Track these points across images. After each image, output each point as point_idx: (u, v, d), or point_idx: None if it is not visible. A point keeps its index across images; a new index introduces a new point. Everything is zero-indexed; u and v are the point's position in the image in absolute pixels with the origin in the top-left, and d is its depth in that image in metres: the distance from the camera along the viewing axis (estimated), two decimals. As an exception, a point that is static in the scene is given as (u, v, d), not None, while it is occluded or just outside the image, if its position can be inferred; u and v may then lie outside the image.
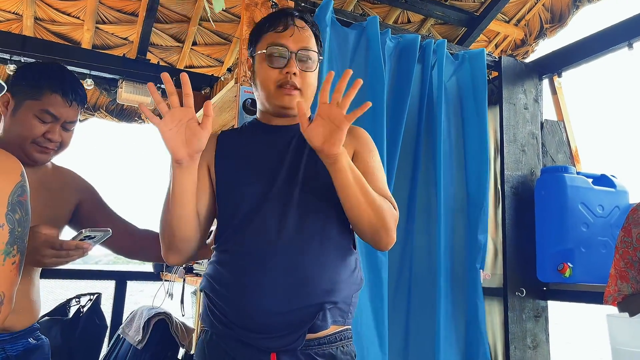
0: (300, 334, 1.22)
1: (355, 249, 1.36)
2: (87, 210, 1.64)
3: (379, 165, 1.38)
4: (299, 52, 1.33)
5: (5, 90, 1.34)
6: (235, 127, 1.99)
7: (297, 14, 1.39)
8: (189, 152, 1.19)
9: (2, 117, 1.49)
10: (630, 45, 2.30)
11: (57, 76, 1.48)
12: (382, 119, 2.20)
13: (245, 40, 2.03)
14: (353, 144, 1.35)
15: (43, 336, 1.56)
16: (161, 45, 3.40)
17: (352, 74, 1.16)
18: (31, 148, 1.45)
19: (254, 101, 1.98)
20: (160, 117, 1.19)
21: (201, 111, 1.19)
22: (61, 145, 1.51)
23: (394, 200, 1.32)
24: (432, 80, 2.47)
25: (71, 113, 1.48)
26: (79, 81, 1.54)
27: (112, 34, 3.29)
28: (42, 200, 1.51)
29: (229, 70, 2.87)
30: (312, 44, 1.38)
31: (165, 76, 1.17)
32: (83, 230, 1.25)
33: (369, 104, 1.14)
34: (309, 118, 1.34)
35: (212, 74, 3.41)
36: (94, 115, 3.67)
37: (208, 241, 1.44)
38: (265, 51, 1.34)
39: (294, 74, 1.31)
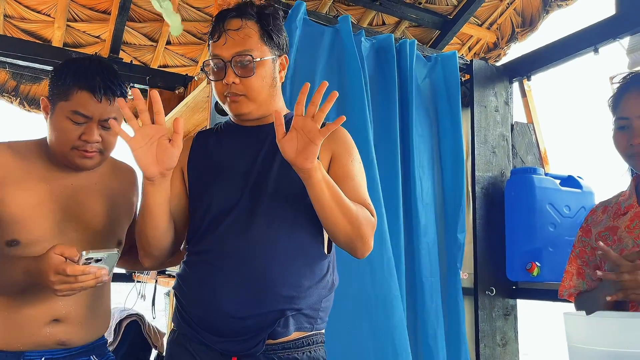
0: (259, 339, 1.22)
1: (328, 253, 1.35)
2: None
3: (359, 170, 1.36)
4: (233, 59, 1.28)
5: None
6: (208, 127, 1.98)
7: (232, 14, 1.32)
8: (160, 170, 1.19)
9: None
10: (596, 50, 2.36)
11: (83, 71, 1.33)
12: (364, 118, 2.22)
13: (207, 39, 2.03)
14: (332, 146, 1.33)
15: (111, 353, 1.49)
16: (134, 44, 3.37)
17: (327, 85, 1.13)
18: (72, 154, 1.34)
19: (226, 102, 1.98)
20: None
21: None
22: (105, 147, 1.37)
23: (372, 207, 1.32)
24: (409, 81, 2.49)
25: (105, 109, 1.33)
26: (114, 73, 1.38)
27: (83, 32, 3.24)
28: (104, 203, 1.45)
29: (203, 69, 2.85)
30: (252, 43, 1.30)
31: (136, 92, 1.17)
32: (83, 253, 1.15)
33: (343, 118, 1.13)
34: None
35: (187, 74, 3.39)
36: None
37: (181, 248, 1.43)
38: (205, 63, 1.33)
39: (233, 83, 1.28)
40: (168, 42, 3.43)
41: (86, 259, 1.15)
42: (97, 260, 1.16)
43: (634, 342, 0.80)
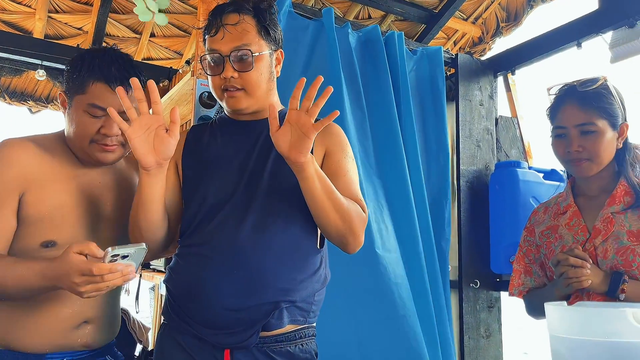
0: (253, 331, 1.22)
1: (321, 248, 1.36)
2: None
3: (352, 166, 1.37)
4: (232, 54, 1.29)
5: None
6: (192, 120, 1.97)
7: (229, 8, 1.33)
8: (157, 160, 1.19)
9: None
10: (579, 45, 2.39)
11: (98, 63, 1.30)
12: (357, 109, 2.23)
13: (201, 34, 2.02)
14: (325, 142, 1.34)
15: (119, 352, 1.49)
16: (117, 36, 3.33)
17: (322, 81, 1.14)
18: (92, 148, 1.30)
19: (210, 94, 1.97)
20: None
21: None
22: (126, 139, 1.30)
23: (364, 203, 1.33)
24: (400, 73, 2.48)
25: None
26: (130, 62, 1.35)
27: (65, 23, 3.20)
28: (124, 199, 1.42)
29: (187, 62, 2.83)
30: (249, 37, 1.31)
31: (135, 82, 1.16)
32: (109, 249, 1.08)
33: (337, 113, 1.14)
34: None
35: (171, 67, 3.36)
36: (47, 107, 3.57)
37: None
38: (203, 57, 1.33)
39: (232, 77, 1.29)
40: (152, 35, 3.39)
41: (112, 256, 1.07)
42: (124, 257, 1.10)
43: (613, 332, 0.81)
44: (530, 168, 2.60)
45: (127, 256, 1.10)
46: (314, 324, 1.35)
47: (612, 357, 0.79)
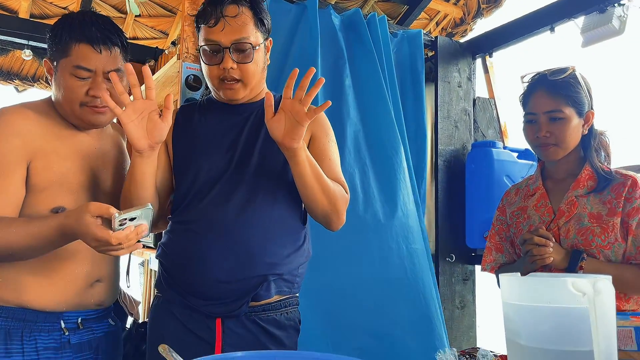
0: (243, 302, 1.33)
1: (305, 224, 1.46)
2: None
3: (335, 149, 1.46)
4: (232, 45, 1.33)
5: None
6: (179, 101, 2.03)
7: (228, 0, 1.36)
8: (149, 143, 1.25)
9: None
10: (552, 29, 2.47)
11: (78, 24, 1.30)
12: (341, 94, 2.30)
13: (187, 17, 2.07)
14: (311, 127, 1.40)
15: (116, 318, 1.53)
16: (103, 16, 3.34)
17: (315, 72, 1.21)
18: (83, 111, 1.31)
19: (196, 77, 2.03)
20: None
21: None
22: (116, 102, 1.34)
23: (346, 184, 1.43)
24: (383, 54, 2.55)
25: (108, 61, 1.31)
26: (111, 23, 1.36)
27: (50, 2, 3.19)
28: (125, 163, 1.46)
29: (173, 43, 2.87)
30: (248, 30, 1.35)
31: (129, 67, 1.21)
32: (116, 215, 1.09)
33: (329, 103, 1.22)
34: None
35: (157, 47, 3.39)
36: (33, 85, 3.58)
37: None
38: (201, 47, 1.37)
39: (231, 68, 1.34)
40: (138, 15, 3.40)
41: (120, 221, 1.10)
42: (132, 219, 1.12)
43: (555, 299, 0.92)
44: (505, 148, 2.72)
45: (135, 218, 1.13)
46: (297, 295, 1.46)
47: (554, 320, 0.90)
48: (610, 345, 0.84)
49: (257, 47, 1.37)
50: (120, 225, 1.10)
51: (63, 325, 1.32)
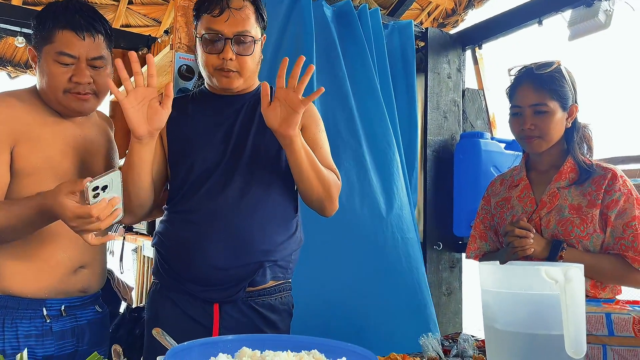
0: (240, 287, 1.38)
1: (297, 212, 1.51)
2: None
3: (325, 139, 1.51)
4: (235, 37, 1.36)
5: None
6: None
7: None
8: (149, 130, 1.27)
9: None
10: (540, 22, 2.51)
11: (62, 11, 1.31)
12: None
13: (180, 7, 2.09)
14: (302, 119, 1.42)
15: (104, 304, 1.53)
16: (95, 3, 3.33)
17: (304, 60, 1.24)
18: (66, 98, 1.32)
19: (189, 68, 2.06)
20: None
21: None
22: (99, 89, 1.36)
23: (338, 172, 1.48)
24: (375, 45, 2.59)
25: (91, 48, 1.32)
26: (95, 11, 1.37)
27: (42, -11, 3.19)
28: (109, 151, 1.47)
29: (166, 32, 2.88)
30: (250, 24, 1.39)
31: (133, 55, 1.23)
32: (87, 183, 1.09)
33: (322, 90, 1.26)
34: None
35: (150, 34, 3.39)
36: (26, 72, 3.59)
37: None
38: (202, 36, 1.39)
39: (230, 59, 1.37)
40: (130, 2, 3.40)
41: (93, 189, 1.10)
42: (104, 188, 1.13)
43: (530, 286, 0.97)
44: (492, 139, 2.77)
45: (107, 186, 1.14)
46: (290, 280, 1.52)
47: (528, 306, 0.95)
48: (579, 329, 0.90)
49: (257, 41, 1.41)
50: (95, 197, 1.11)
51: (45, 312, 1.32)
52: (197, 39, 1.43)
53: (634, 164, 2.77)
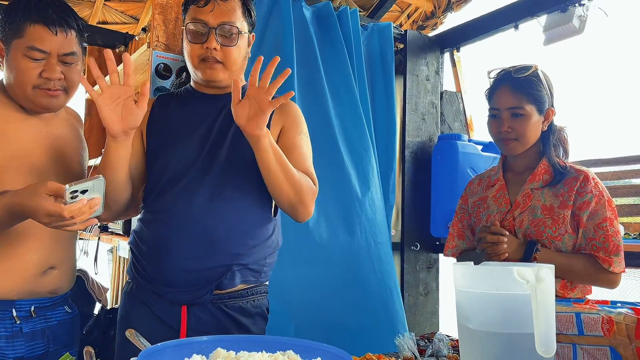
0: (207, 290, 1.36)
1: (275, 216, 1.49)
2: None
3: (306, 142, 1.49)
4: (219, 27, 1.37)
5: None
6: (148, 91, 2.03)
7: None
8: (123, 128, 1.26)
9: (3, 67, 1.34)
10: (516, 27, 2.55)
11: (34, 5, 1.27)
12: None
13: (158, 5, 2.07)
14: (282, 120, 1.45)
15: (74, 304, 1.50)
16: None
17: (279, 60, 1.24)
18: (35, 94, 1.29)
19: (166, 66, 2.04)
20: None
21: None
22: (69, 85, 1.33)
23: (315, 177, 1.46)
24: (353, 47, 2.60)
25: (63, 43, 1.29)
26: (68, 6, 1.33)
27: (17, -16, 3.12)
28: (77, 148, 1.43)
29: (144, 30, 2.85)
30: (236, 16, 1.39)
31: (108, 53, 1.22)
32: (67, 187, 1.08)
33: (292, 93, 1.26)
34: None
35: (127, 32, 3.35)
36: (-1, 69, 3.51)
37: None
38: (187, 25, 1.40)
39: (214, 49, 1.37)
40: (107, -2, 3.36)
41: (71, 192, 1.09)
42: (83, 192, 1.11)
43: (502, 286, 0.99)
44: (470, 141, 2.80)
45: (87, 190, 1.12)
46: (266, 283, 1.50)
47: (500, 305, 0.97)
48: (549, 328, 0.92)
49: (242, 33, 1.40)
50: (72, 198, 1.10)
51: (15, 313, 1.30)
52: (183, 31, 1.43)
53: (606, 166, 2.84)
